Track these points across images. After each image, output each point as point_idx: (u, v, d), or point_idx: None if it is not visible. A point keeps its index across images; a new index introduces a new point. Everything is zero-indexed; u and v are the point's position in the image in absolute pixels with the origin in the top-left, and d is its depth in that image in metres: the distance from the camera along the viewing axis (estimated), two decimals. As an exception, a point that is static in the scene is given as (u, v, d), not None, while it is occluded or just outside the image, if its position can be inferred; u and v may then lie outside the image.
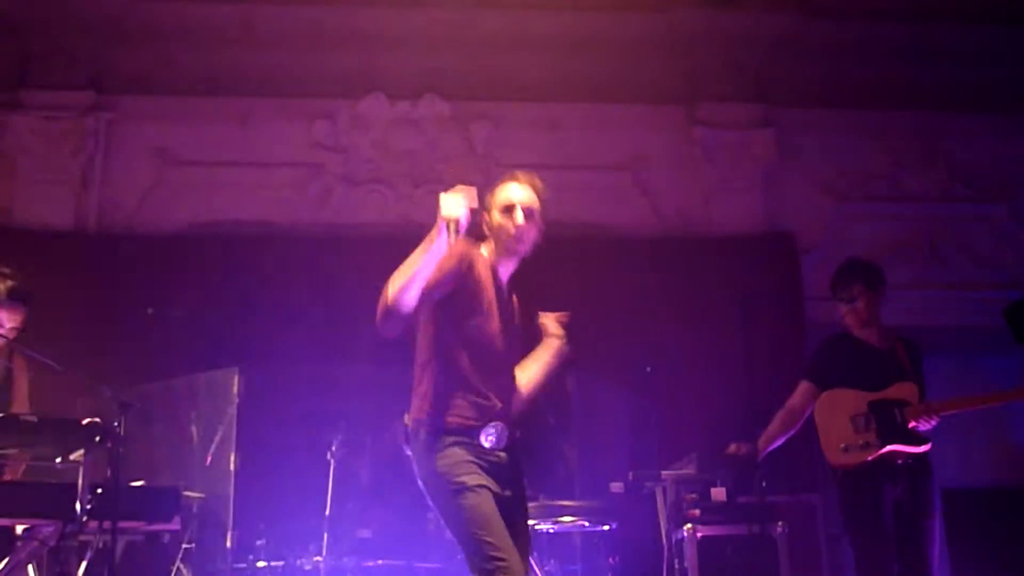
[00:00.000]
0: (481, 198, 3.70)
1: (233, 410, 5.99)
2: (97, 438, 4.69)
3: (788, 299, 7.75)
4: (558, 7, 8.07)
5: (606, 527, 5.87)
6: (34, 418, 4.69)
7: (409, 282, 3.51)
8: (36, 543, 4.78)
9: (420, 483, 3.71)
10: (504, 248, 3.90)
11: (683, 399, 7.22)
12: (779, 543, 5.66)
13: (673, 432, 6.94)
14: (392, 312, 3.54)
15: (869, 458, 5.09)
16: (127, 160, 7.92)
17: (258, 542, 6.16)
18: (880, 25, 8.36)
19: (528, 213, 3.89)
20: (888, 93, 8.43)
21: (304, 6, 7.99)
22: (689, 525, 5.68)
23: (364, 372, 7.05)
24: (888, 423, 5.10)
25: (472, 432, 3.68)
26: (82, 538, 4.91)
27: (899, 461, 5.11)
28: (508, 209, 3.89)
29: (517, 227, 3.85)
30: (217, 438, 5.99)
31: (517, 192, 3.93)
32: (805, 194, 8.28)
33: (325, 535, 5.91)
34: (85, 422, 4.71)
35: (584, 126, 8.25)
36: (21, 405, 5.45)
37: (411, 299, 3.55)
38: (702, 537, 5.67)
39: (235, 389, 6.01)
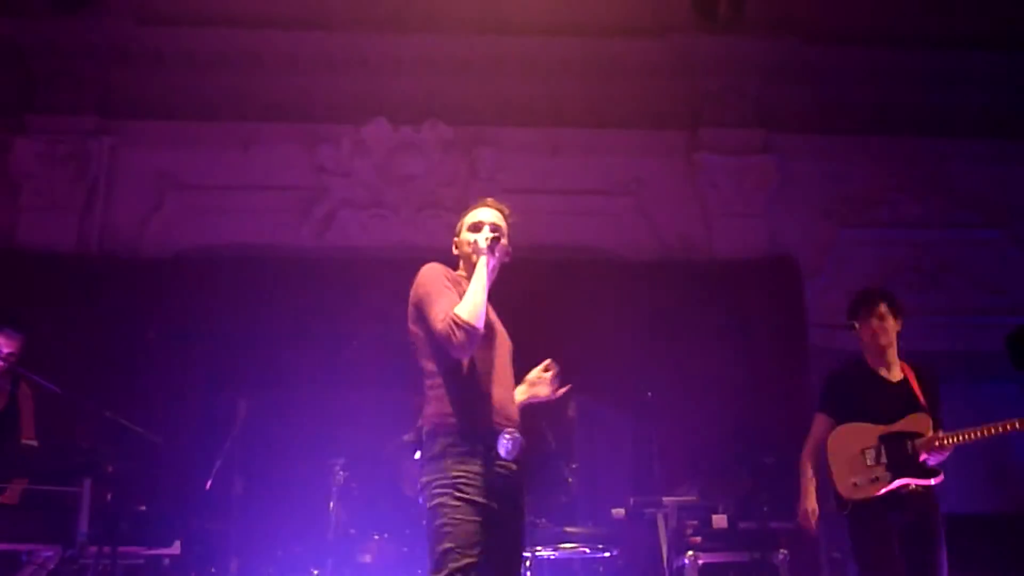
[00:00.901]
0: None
1: (235, 435, 5.97)
2: (98, 463, 4.71)
3: (791, 323, 7.73)
4: (560, 33, 8.13)
5: (607, 554, 5.86)
6: (35, 443, 4.70)
7: (483, 307, 3.78)
8: (35, 567, 4.78)
9: (421, 483, 3.77)
10: (473, 265, 3.99)
11: (684, 423, 7.19)
12: (780, 570, 5.64)
13: (674, 456, 6.93)
14: (475, 336, 3.74)
15: (880, 492, 5.07)
16: (130, 184, 7.95)
17: (260, 568, 6.14)
18: (880, 51, 8.42)
19: (494, 229, 4.03)
20: (888, 118, 8.47)
21: (307, 32, 8.06)
22: (691, 552, 5.67)
23: (366, 395, 7.06)
24: (899, 456, 5.08)
25: (489, 438, 3.76)
26: (81, 562, 4.90)
27: (906, 495, 5.09)
28: (475, 227, 4.04)
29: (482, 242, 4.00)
30: (218, 463, 5.97)
31: (484, 213, 4.10)
32: (806, 219, 8.29)
33: (328, 560, 5.90)
34: (86, 448, 4.73)
35: (586, 151, 8.27)
36: (28, 431, 5.45)
37: (483, 323, 3.79)
38: (704, 564, 5.67)
39: (238, 414, 5.98)
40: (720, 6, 8.34)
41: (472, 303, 3.77)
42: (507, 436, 3.78)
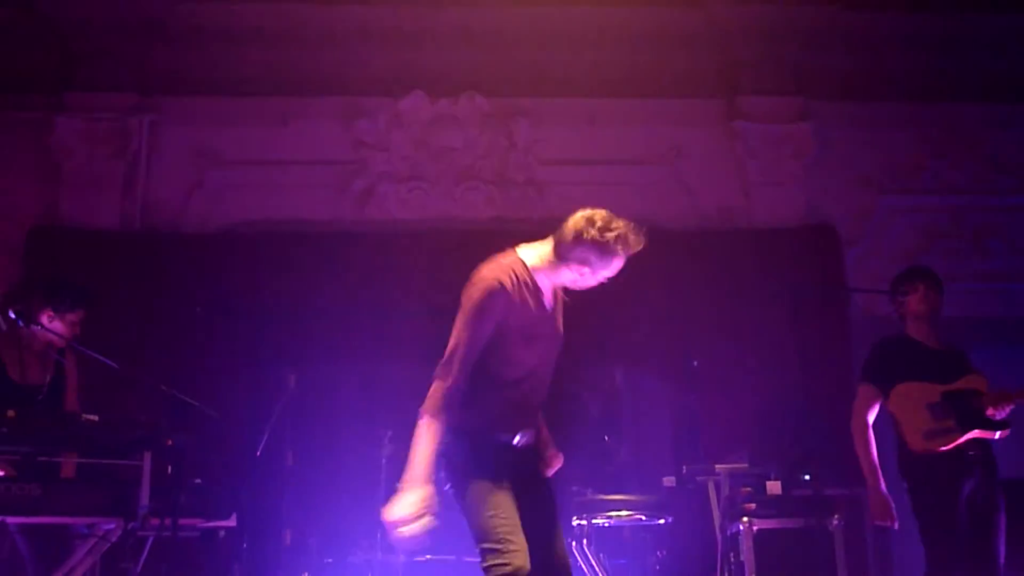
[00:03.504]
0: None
1: (284, 407, 6.00)
2: (158, 437, 4.74)
3: (831, 291, 7.71)
4: (596, 2, 8.08)
5: (661, 521, 5.88)
6: (95, 417, 4.72)
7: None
8: (97, 539, 4.82)
9: (443, 474, 3.78)
10: (562, 281, 3.92)
11: (729, 392, 7.19)
12: (835, 536, 5.65)
13: (721, 424, 6.94)
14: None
15: (954, 444, 5.12)
16: (170, 160, 7.98)
17: (311, 538, 6.20)
18: (919, 16, 8.32)
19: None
20: (928, 84, 8.40)
21: (345, 5, 8.04)
22: (745, 518, 5.67)
23: (411, 368, 7.07)
24: (966, 411, 5.15)
25: (509, 437, 3.83)
26: (141, 534, 4.94)
27: (970, 452, 5.14)
28: (598, 266, 3.86)
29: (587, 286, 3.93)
30: (267, 434, 6.00)
31: (618, 266, 3.91)
32: (845, 187, 8.24)
33: (378, 531, 5.93)
34: (145, 421, 4.77)
35: (623, 121, 8.24)
36: (72, 403, 5.51)
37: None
38: (758, 530, 5.66)
39: (287, 387, 6.01)
40: (757, -27, 8.28)
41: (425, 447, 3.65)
42: (523, 433, 3.86)
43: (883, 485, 5.38)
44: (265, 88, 8.08)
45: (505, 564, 3.54)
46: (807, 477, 5.66)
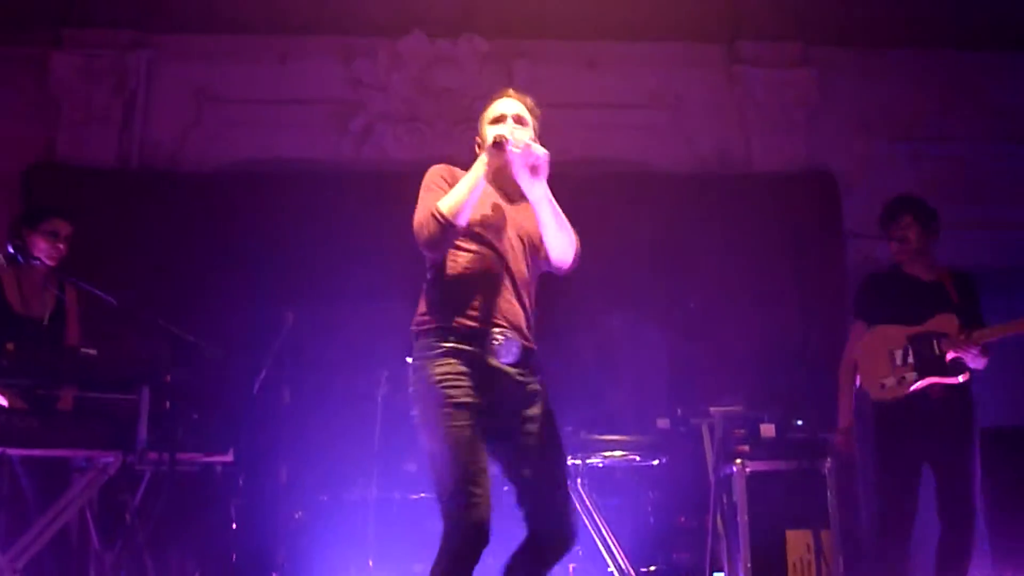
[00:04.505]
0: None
1: (281, 345, 6.02)
2: (156, 372, 4.77)
3: (828, 237, 7.73)
4: (596, -55, 8.01)
5: (655, 462, 5.92)
6: (94, 351, 4.74)
7: (465, 202, 3.59)
8: (96, 472, 4.85)
9: (410, 392, 3.67)
10: (511, 173, 3.74)
11: (725, 336, 7.23)
12: (828, 479, 5.70)
13: (717, 368, 6.99)
14: (448, 231, 3.59)
15: (908, 391, 5.11)
16: (168, 98, 7.94)
17: (307, 475, 6.24)
18: (923, -37, 8.27)
19: (518, 120, 3.83)
20: (930, 32, 8.33)
21: (343, -56, 7.97)
22: (739, 460, 5.72)
23: (408, 307, 7.08)
24: (926, 356, 5.12)
25: (476, 339, 3.57)
26: (139, 468, 4.97)
27: (935, 396, 5.12)
28: (497, 120, 3.85)
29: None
30: (264, 371, 6.01)
31: (506, 105, 3.88)
32: (845, 133, 8.23)
33: (374, 468, 5.99)
34: (144, 356, 4.79)
35: (623, 64, 8.20)
36: (73, 338, 5.55)
37: (464, 219, 3.62)
38: (751, 472, 5.71)
39: (284, 325, 6.02)
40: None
41: (454, 197, 3.59)
42: (497, 338, 3.57)
43: (844, 422, 5.43)
44: (264, 27, 8.02)
45: (460, 520, 3.35)
46: (799, 422, 5.71)
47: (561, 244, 3.75)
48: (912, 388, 5.11)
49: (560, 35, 8.18)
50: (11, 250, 5.29)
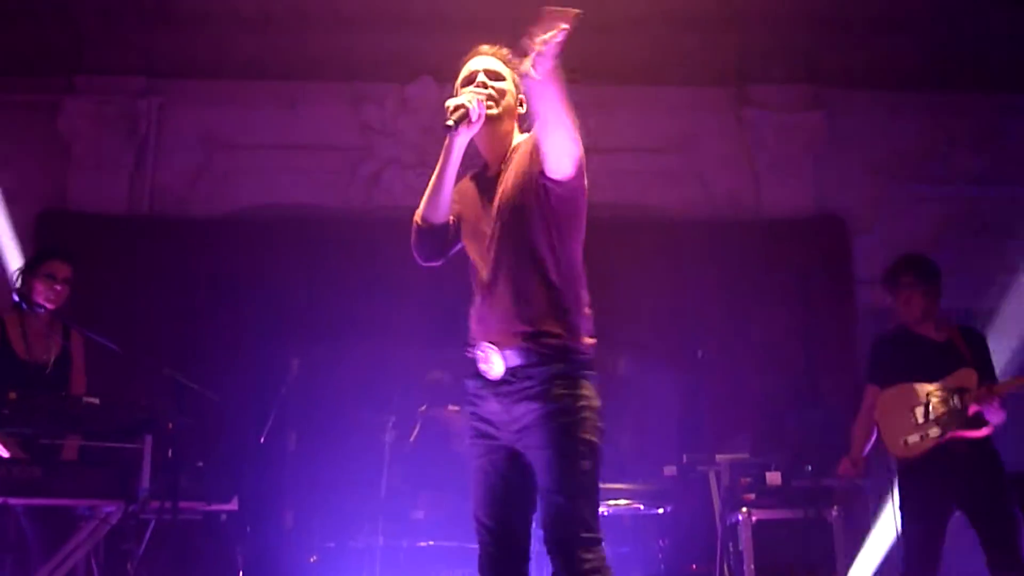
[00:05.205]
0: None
1: (288, 391, 6.02)
2: (159, 420, 4.76)
3: (839, 282, 7.70)
4: (606, -10, 8.04)
5: (660, 510, 5.88)
6: (96, 400, 4.74)
7: (431, 198, 3.35)
8: (98, 522, 4.85)
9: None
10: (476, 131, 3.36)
11: (734, 381, 7.20)
12: (834, 527, 5.65)
13: (725, 414, 6.94)
14: (422, 233, 3.36)
15: (931, 446, 5.08)
16: (179, 144, 8.01)
17: (313, 522, 6.22)
18: (930, 3, 8.25)
19: (493, 75, 3.42)
20: (940, 73, 8.32)
21: (352, -11, 8.03)
22: (744, 508, 5.68)
23: (415, 353, 7.09)
24: (948, 411, 5.09)
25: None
26: (142, 517, 4.96)
27: (959, 451, 5.09)
28: (469, 80, 3.42)
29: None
30: (271, 418, 6.01)
31: (476, 62, 3.46)
32: (856, 176, 8.20)
33: (381, 516, 5.95)
34: (147, 405, 4.79)
35: (634, 108, 8.20)
36: (79, 386, 5.55)
37: (439, 215, 3.38)
38: (757, 520, 5.68)
39: (290, 371, 6.03)
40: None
41: (423, 197, 3.34)
42: (480, 352, 3.25)
43: (856, 452, 5.41)
44: (273, 72, 8.08)
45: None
46: (809, 467, 5.67)
47: (554, 146, 3.25)
48: (936, 442, 5.08)
49: (570, 79, 8.11)
50: (15, 298, 5.31)
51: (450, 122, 3.23)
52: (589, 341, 3.29)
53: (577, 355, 3.23)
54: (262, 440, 5.94)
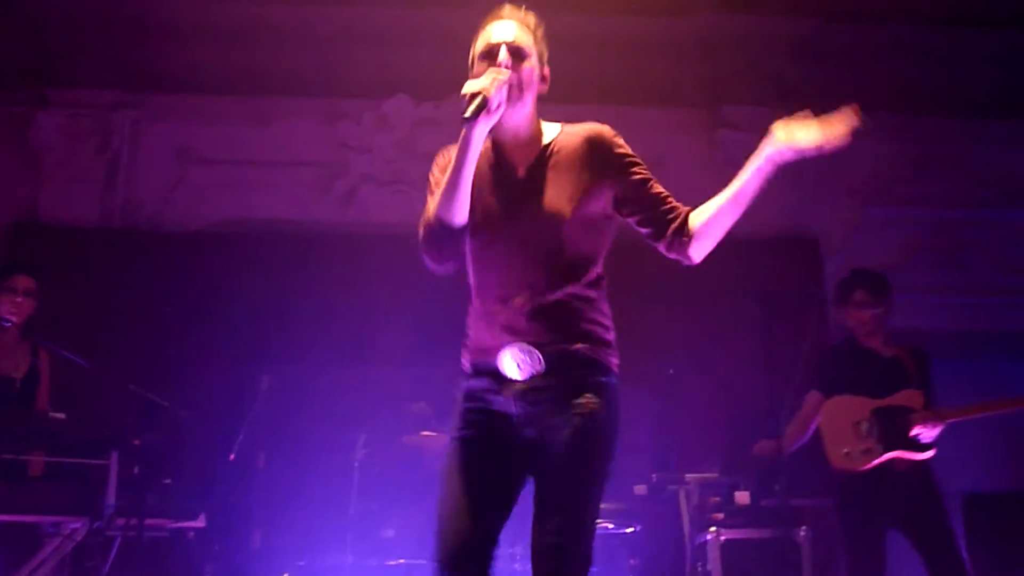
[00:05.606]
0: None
1: (257, 409, 5.99)
2: (125, 436, 4.75)
3: (810, 302, 7.71)
4: (580, 9, 8.04)
5: (630, 529, 5.88)
6: (62, 416, 4.72)
7: (447, 190, 2.91)
8: (62, 539, 4.82)
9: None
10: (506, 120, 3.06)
11: (705, 402, 7.22)
12: (803, 547, 5.67)
13: (694, 434, 6.95)
14: (434, 233, 2.94)
15: (871, 464, 5.12)
16: (152, 158, 7.97)
17: (281, 540, 6.18)
18: (902, 29, 8.33)
19: (515, 52, 3.05)
20: (912, 97, 8.39)
21: (328, 6, 8.01)
22: (713, 528, 5.70)
23: (387, 372, 7.07)
24: (891, 430, 5.14)
25: (487, 361, 2.98)
26: (108, 534, 4.94)
27: (899, 469, 5.13)
28: (488, 54, 3.05)
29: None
30: (240, 437, 5.99)
31: (499, 31, 3.07)
32: (828, 198, 8.25)
33: (350, 535, 5.93)
34: (113, 420, 4.77)
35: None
36: (44, 400, 5.52)
37: (457, 216, 2.94)
38: (726, 540, 5.69)
39: (260, 388, 6.00)
40: (742, -16, 8.28)
41: (437, 194, 2.93)
42: (509, 350, 2.93)
43: (787, 449, 5.46)
44: (248, 88, 8.06)
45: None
46: (777, 488, 5.68)
47: (716, 239, 3.19)
48: (876, 461, 5.12)
49: (544, 98, 8.18)
50: None
51: (468, 113, 2.89)
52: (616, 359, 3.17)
53: (611, 369, 3.17)
54: (231, 457, 5.91)
